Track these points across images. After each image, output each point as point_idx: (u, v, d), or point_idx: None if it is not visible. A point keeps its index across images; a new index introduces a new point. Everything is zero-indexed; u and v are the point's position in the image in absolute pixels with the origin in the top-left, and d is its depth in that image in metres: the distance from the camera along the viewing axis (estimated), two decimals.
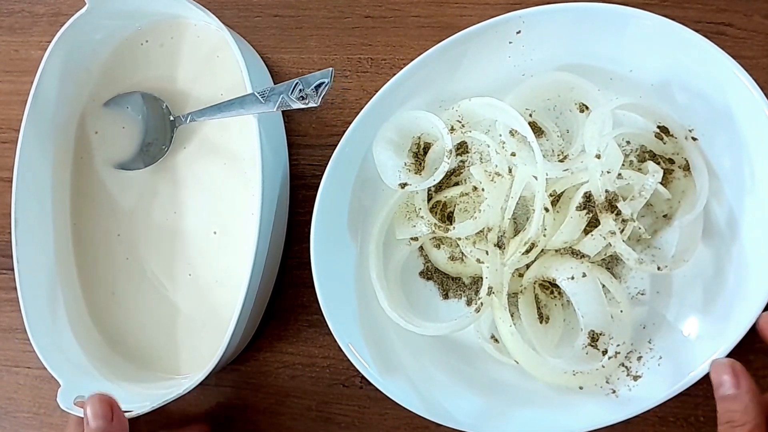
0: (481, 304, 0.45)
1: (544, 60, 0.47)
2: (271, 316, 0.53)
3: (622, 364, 0.45)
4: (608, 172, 0.43)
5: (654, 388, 0.43)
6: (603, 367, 0.44)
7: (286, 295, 0.53)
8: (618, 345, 0.44)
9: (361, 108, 0.47)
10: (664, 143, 0.46)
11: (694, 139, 0.45)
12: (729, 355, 0.41)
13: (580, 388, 0.45)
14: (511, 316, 0.45)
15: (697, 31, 0.44)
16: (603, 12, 0.45)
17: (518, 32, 0.46)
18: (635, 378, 0.44)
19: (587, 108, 0.47)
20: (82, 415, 0.46)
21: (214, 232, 0.52)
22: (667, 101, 0.46)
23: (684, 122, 0.45)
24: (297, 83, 0.44)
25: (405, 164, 0.48)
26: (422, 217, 0.47)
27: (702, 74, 0.44)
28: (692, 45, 0.43)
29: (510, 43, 0.47)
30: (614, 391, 0.44)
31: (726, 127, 0.44)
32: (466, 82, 0.48)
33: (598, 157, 0.43)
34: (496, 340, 0.48)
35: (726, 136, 0.44)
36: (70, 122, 0.55)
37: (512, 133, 0.46)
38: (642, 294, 0.47)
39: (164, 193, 0.54)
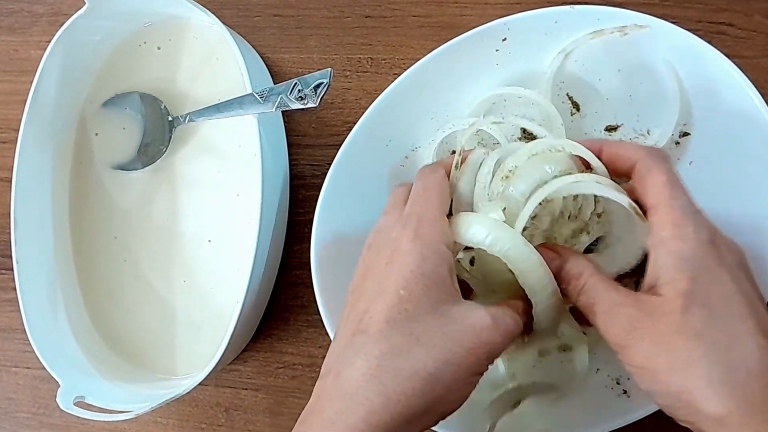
0: None
1: (533, 66, 0.47)
2: (271, 316, 0.53)
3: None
4: None
5: None
6: None
7: (285, 295, 0.53)
8: None
9: (361, 108, 0.47)
10: None
11: (686, 133, 0.45)
12: None
13: None
14: None
15: (697, 30, 0.43)
16: (587, 15, 0.45)
17: (504, 39, 0.46)
18: None
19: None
20: (82, 415, 0.46)
21: (209, 240, 0.52)
22: (659, 100, 0.45)
23: (679, 120, 0.45)
24: (296, 83, 0.44)
25: None
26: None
27: (698, 74, 0.44)
28: (688, 46, 0.43)
29: (497, 51, 0.47)
30: (626, 392, 0.44)
31: (724, 127, 0.44)
32: (456, 93, 0.48)
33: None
34: None
35: (724, 137, 0.44)
36: (69, 122, 0.55)
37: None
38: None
39: (161, 195, 0.54)
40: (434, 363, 0.32)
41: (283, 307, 0.53)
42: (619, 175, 0.37)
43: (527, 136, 0.48)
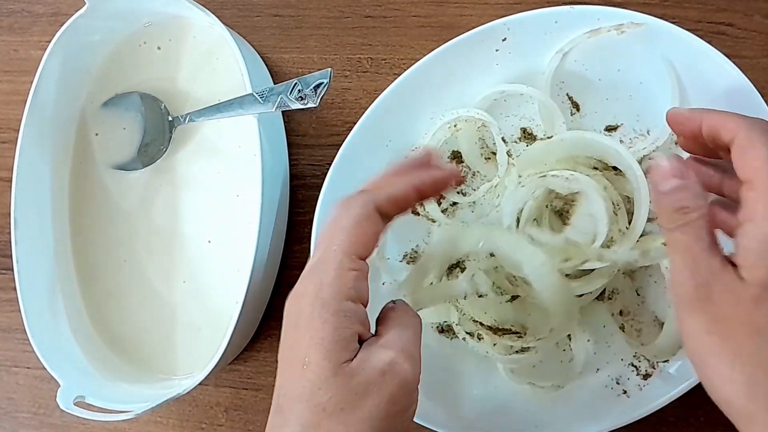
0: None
1: (533, 66, 0.47)
2: (271, 316, 0.53)
3: (632, 364, 0.45)
4: None
5: (664, 385, 0.43)
6: None
7: (285, 295, 0.53)
8: None
9: (361, 108, 0.47)
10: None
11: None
12: None
13: None
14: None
15: (697, 30, 0.43)
16: (587, 15, 0.45)
17: (504, 39, 0.46)
18: (645, 377, 0.44)
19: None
20: (82, 415, 0.46)
21: (209, 241, 0.52)
22: (659, 100, 0.45)
23: None
24: (296, 83, 0.44)
25: None
26: None
27: (698, 74, 0.44)
28: (687, 45, 0.43)
29: (497, 51, 0.47)
30: (625, 392, 0.44)
31: None
32: (457, 93, 0.48)
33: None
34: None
35: None
36: (69, 122, 0.55)
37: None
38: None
39: (161, 195, 0.54)
40: (345, 428, 0.31)
41: (283, 306, 0.53)
42: (721, 148, 0.35)
43: (527, 136, 0.48)
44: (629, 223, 0.42)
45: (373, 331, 0.35)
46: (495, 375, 0.47)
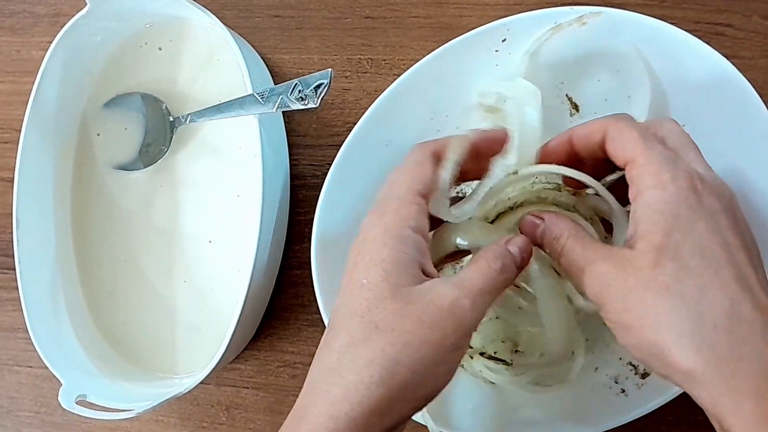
0: None
1: (530, 66, 0.47)
2: (271, 316, 0.53)
3: (630, 363, 0.45)
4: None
5: (663, 383, 0.43)
6: None
7: (285, 294, 0.53)
8: None
9: (362, 108, 0.47)
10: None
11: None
12: None
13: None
14: None
15: (695, 31, 0.44)
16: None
17: (504, 40, 0.46)
18: (643, 376, 0.44)
19: None
20: (83, 414, 0.47)
21: (210, 241, 0.52)
22: (659, 99, 0.45)
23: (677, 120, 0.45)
24: (296, 84, 0.44)
25: None
26: None
27: (697, 75, 0.44)
28: (687, 46, 0.43)
29: (496, 51, 0.47)
30: (624, 391, 0.45)
31: (723, 127, 0.44)
32: (456, 94, 0.48)
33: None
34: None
35: (723, 137, 0.44)
36: (71, 123, 0.55)
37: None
38: None
39: (162, 195, 0.54)
40: (392, 347, 0.31)
41: (283, 306, 0.54)
42: (596, 152, 0.36)
43: None
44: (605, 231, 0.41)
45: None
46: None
